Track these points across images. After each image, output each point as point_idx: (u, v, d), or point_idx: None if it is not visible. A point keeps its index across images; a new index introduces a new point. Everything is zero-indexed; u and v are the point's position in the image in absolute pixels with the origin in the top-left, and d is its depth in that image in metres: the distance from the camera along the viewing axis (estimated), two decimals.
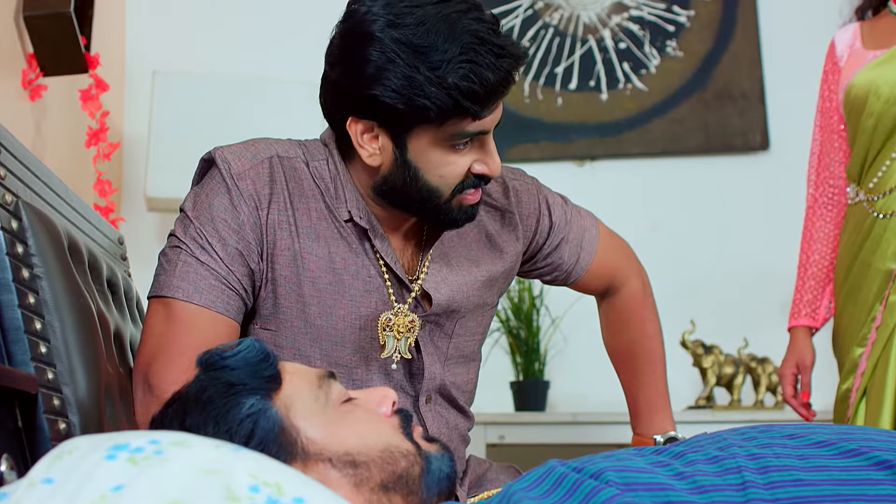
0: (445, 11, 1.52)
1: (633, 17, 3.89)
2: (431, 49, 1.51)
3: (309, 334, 1.65)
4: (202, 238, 1.60)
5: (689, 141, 3.79)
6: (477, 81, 1.51)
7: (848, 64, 2.51)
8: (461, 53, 1.51)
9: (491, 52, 1.52)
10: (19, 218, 1.44)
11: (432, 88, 1.51)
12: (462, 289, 1.76)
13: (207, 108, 3.51)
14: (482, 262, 1.80)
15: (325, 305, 1.65)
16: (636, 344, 2.07)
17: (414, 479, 1.22)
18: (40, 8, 2.91)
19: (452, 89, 1.51)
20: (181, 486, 0.91)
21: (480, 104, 1.54)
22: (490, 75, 1.52)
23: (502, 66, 1.53)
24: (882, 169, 2.41)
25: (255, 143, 1.70)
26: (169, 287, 1.58)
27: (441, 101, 1.51)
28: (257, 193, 1.62)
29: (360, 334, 1.67)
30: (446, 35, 1.51)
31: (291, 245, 1.64)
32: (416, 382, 1.74)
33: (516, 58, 1.55)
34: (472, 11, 1.54)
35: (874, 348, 2.36)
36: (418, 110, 1.52)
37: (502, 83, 1.55)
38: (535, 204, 1.89)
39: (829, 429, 1.20)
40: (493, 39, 1.53)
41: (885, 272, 2.36)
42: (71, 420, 1.40)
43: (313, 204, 1.66)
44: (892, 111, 2.38)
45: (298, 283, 1.64)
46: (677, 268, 3.69)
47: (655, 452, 1.17)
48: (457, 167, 1.61)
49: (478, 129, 1.59)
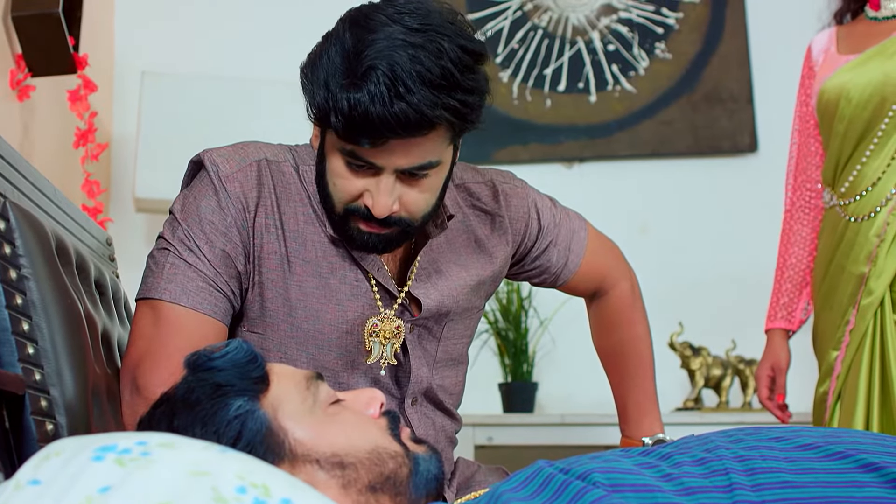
0: (396, 34, 1.47)
1: (622, 19, 3.90)
2: (351, 58, 1.47)
3: (295, 338, 1.65)
4: (190, 240, 1.60)
5: (677, 143, 3.80)
6: (357, 109, 1.45)
7: (822, 68, 2.53)
8: (363, 75, 1.45)
9: (394, 90, 1.43)
10: (7, 218, 1.44)
11: (331, 96, 1.47)
12: (451, 293, 1.75)
13: (196, 110, 3.51)
14: (471, 266, 1.80)
15: (312, 310, 1.65)
16: (625, 345, 2.07)
17: (402, 481, 1.23)
18: (29, 8, 2.90)
19: (336, 105, 1.46)
20: (168, 488, 0.91)
21: (358, 133, 1.47)
22: (374, 109, 1.44)
23: (395, 109, 1.43)
24: (853, 173, 2.42)
25: (245, 146, 1.70)
26: (156, 289, 1.58)
27: (332, 113, 1.48)
28: (245, 196, 1.62)
29: (347, 338, 1.67)
30: (370, 53, 1.45)
31: (278, 249, 1.64)
32: (402, 385, 1.73)
33: (418, 112, 1.44)
34: (421, 49, 1.46)
35: (847, 351, 2.38)
36: (321, 111, 1.50)
37: (387, 126, 1.45)
38: (524, 207, 1.89)
39: (816, 431, 1.20)
40: (407, 81, 1.43)
41: (858, 276, 2.38)
42: (58, 421, 1.40)
43: (300, 208, 1.66)
44: (862, 115, 2.40)
45: (285, 287, 1.64)
46: (665, 269, 3.70)
47: (643, 454, 1.17)
48: (348, 185, 1.57)
49: (370, 160, 1.52)
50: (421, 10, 1.51)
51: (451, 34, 1.49)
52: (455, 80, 1.47)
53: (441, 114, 1.46)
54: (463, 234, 1.80)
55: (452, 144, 1.60)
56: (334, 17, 1.58)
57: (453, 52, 1.47)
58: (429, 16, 1.50)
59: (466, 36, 1.51)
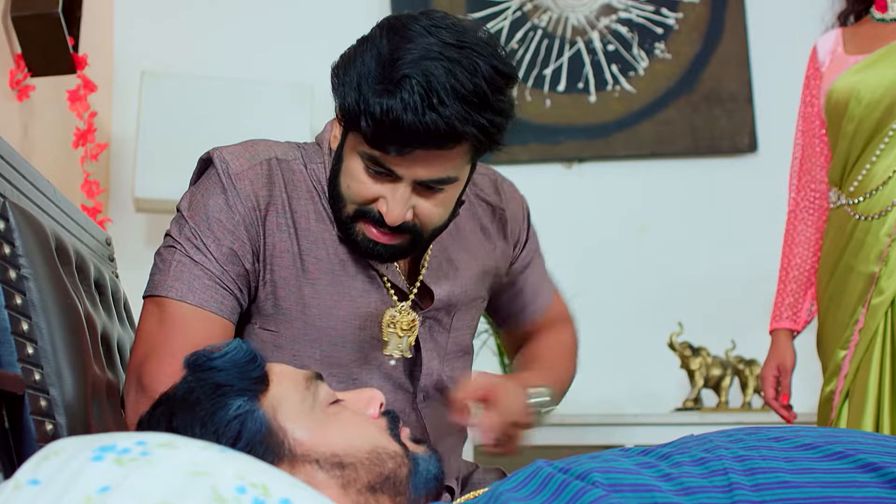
0: (433, 47, 1.48)
1: (622, 19, 3.89)
2: (386, 65, 1.47)
3: (308, 335, 1.65)
4: (196, 238, 1.60)
5: (677, 143, 3.80)
6: (389, 115, 1.45)
7: (830, 69, 2.53)
8: (397, 82, 1.45)
9: (426, 99, 1.44)
10: (6, 218, 1.44)
11: (362, 100, 1.47)
12: (461, 283, 1.76)
13: (196, 109, 3.50)
14: (478, 254, 1.81)
15: (325, 307, 1.65)
16: (551, 349, 1.97)
17: (401, 480, 1.23)
18: (28, 8, 2.90)
19: (368, 109, 1.47)
20: (168, 488, 0.91)
21: (386, 140, 1.48)
22: (406, 118, 1.44)
23: (426, 119, 1.44)
24: (862, 173, 2.42)
25: (254, 144, 1.70)
26: (163, 287, 1.58)
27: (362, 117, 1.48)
28: (255, 194, 1.62)
29: (360, 334, 1.67)
30: (407, 61, 1.46)
31: (290, 247, 1.64)
32: (415, 378, 1.73)
33: (449, 124, 1.45)
34: (457, 64, 1.47)
35: (856, 351, 2.37)
36: (351, 113, 1.50)
37: (417, 135, 1.46)
38: (520, 212, 1.90)
39: (816, 431, 1.20)
40: (441, 93, 1.45)
41: (868, 275, 2.38)
42: (58, 421, 1.40)
43: (312, 206, 1.66)
44: (872, 116, 2.40)
45: (298, 286, 1.64)
46: (665, 269, 3.70)
47: (642, 453, 1.18)
48: (363, 188, 1.57)
49: (391, 168, 1.53)
50: (458, 27, 1.52)
51: (487, 54, 1.50)
52: (486, 98, 1.48)
53: (470, 129, 1.47)
54: (471, 221, 1.81)
55: (471, 163, 1.61)
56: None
57: (487, 71, 1.48)
58: (465, 33, 1.51)
59: (500, 58, 1.52)
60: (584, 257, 3.67)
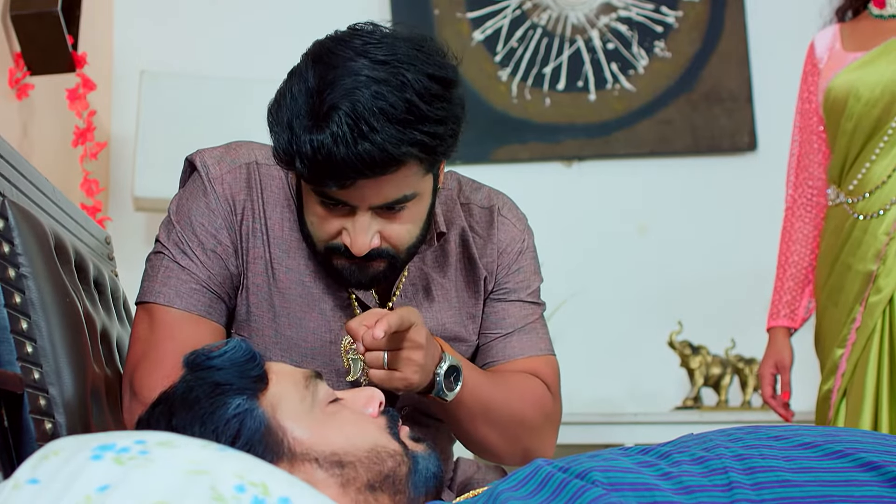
0: (360, 70, 1.40)
1: (622, 17, 3.89)
2: (314, 98, 1.41)
3: (279, 344, 1.64)
4: (183, 243, 1.60)
5: (676, 141, 3.80)
6: (321, 152, 1.39)
7: (828, 66, 2.52)
8: (324, 116, 1.39)
9: (357, 129, 1.37)
10: (5, 217, 1.44)
11: (294, 139, 1.41)
12: (435, 316, 1.69)
13: (195, 108, 3.50)
14: (460, 290, 1.73)
15: (295, 317, 1.63)
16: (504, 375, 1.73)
17: (401, 479, 1.23)
18: (27, 7, 2.90)
19: (301, 149, 1.41)
20: (167, 487, 0.91)
21: (324, 176, 1.42)
22: (338, 151, 1.38)
23: (359, 149, 1.37)
24: (862, 171, 2.43)
25: (238, 146, 1.69)
26: (151, 293, 1.59)
27: (296, 158, 1.42)
28: (232, 198, 1.62)
29: (331, 348, 1.65)
30: (333, 92, 1.39)
31: (263, 254, 1.63)
32: (391, 399, 1.61)
33: (383, 150, 1.38)
34: (384, 84, 1.40)
35: (854, 349, 2.38)
36: (287, 155, 1.44)
37: (353, 167, 1.39)
38: (514, 245, 1.77)
39: (815, 430, 1.20)
40: (370, 119, 1.37)
41: (865, 273, 2.38)
42: (57, 420, 1.40)
43: (287, 214, 1.64)
44: (871, 113, 2.40)
45: (269, 294, 1.63)
46: (665, 268, 3.70)
47: (642, 452, 1.18)
48: (325, 224, 1.52)
49: (342, 199, 1.47)
50: (387, 40, 1.45)
51: (417, 62, 1.43)
52: (420, 112, 1.41)
53: (408, 150, 1.41)
54: (459, 247, 1.74)
55: (430, 173, 1.53)
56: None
57: (418, 82, 1.41)
58: (394, 45, 1.44)
59: (435, 63, 1.45)
60: (584, 256, 3.67)
